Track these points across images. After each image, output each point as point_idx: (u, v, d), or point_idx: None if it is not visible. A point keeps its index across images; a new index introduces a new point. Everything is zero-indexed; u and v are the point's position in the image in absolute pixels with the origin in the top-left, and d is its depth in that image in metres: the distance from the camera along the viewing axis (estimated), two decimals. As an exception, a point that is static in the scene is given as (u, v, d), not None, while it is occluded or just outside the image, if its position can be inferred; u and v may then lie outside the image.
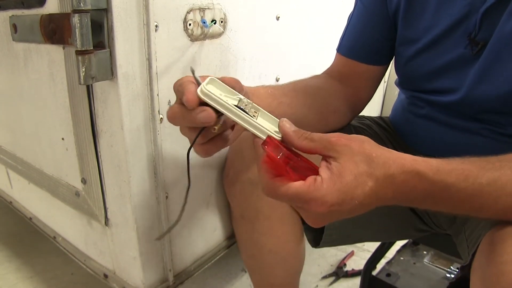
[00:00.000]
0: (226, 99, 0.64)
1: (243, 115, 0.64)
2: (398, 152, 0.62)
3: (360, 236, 1.15)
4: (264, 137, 0.63)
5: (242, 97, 0.67)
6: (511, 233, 0.64)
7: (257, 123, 0.64)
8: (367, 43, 1.02)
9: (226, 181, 1.15)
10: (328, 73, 1.08)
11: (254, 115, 0.65)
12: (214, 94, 0.62)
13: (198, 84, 0.65)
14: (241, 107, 0.64)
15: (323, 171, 0.58)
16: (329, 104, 1.02)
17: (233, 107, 0.63)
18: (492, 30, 0.80)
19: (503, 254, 0.61)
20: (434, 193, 0.62)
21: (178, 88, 0.67)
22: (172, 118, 0.68)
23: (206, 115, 0.62)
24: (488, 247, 0.67)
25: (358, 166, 0.58)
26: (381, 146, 0.62)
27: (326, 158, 0.61)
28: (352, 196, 0.57)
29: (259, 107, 0.67)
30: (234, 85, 0.70)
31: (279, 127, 0.64)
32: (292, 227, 1.10)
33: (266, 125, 0.66)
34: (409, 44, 0.94)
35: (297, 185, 0.57)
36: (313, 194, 0.56)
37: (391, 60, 1.06)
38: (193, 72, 0.67)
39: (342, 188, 0.57)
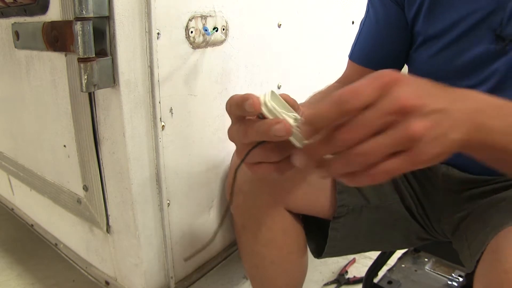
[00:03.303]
0: (285, 117, 0.56)
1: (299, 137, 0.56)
2: None
3: (362, 246, 1.15)
4: None
5: (297, 115, 0.57)
6: None
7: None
8: (382, 51, 1.02)
9: (228, 192, 1.15)
10: (345, 83, 1.06)
11: None
12: (277, 110, 0.55)
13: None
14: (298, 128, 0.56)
15: None
16: None
17: (290, 119, 0.55)
18: None
19: (506, 262, 0.61)
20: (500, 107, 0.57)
21: (236, 101, 0.57)
22: (232, 136, 0.60)
23: (282, 127, 0.52)
24: (492, 255, 0.66)
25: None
26: None
27: None
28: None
29: None
30: (293, 104, 0.61)
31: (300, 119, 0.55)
32: (295, 239, 1.09)
33: None
34: (433, 41, 0.93)
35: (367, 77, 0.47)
36: (391, 73, 0.47)
37: (403, 66, 1.05)
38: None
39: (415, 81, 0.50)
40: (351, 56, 1.07)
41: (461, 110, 0.51)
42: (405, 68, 1.05)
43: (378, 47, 1.02)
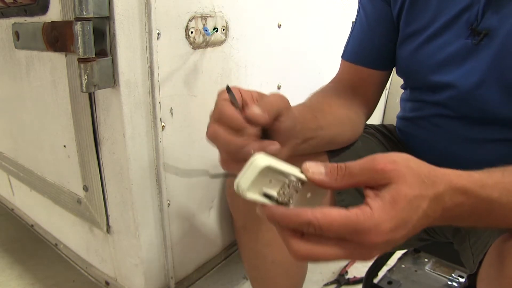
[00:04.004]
0: (268, 185, 0.55)
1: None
2: (440, 168, 0.57)
3: None
4: None
5: (293, 177, 0.56)
6: None
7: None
8: (372, 47, 1.02)
9: (228, 193, 1.15)
10: (339, 82, 1.07)
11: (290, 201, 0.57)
12: (251, 199, 0.54)
13: (233, 104, 0.60)
14: (279, 199, 0.56)
15: (372, 200, 0.52)
16: (351, 118, 1.00)
17: (268, 204, 0.55)
18: (494, 19, 0.80)
19: None
20: (479, 209, 0.58)
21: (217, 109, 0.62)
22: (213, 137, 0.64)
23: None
24: (497, 258, 0.66)
25: (412, 190, 0.52)
26: (423, 162, 0.57)
27: (372, 187, 0.54)
28: (407, 221, 0.52)
29: (302, 186, 0.57)
30: (278, 103, 0.65)
31: (308, 178, 0.56)
32: None
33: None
34: (413, 38, 0.94)
35: (342, 216, 0.50)
36: (366, 224, 0.50)
37: (394, 64, 1.05)
38: (228, 90, 0.61)
39: (397, 215, 0.51)
40: (343, 55, 1.07)
41: (420, 226, 0.54)
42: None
43: (368, 44, 1.02)
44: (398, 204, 0.51)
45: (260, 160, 0.54)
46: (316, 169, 0.56)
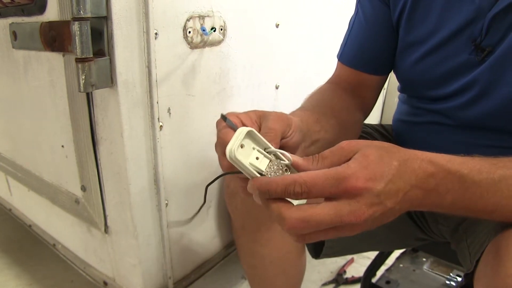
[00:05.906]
0: (256, 162, 0.61)
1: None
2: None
3: (360, 247, 1.14)
4: None
5: (277, 152, 0.62)
6: None
7: None
8: (371, 53, 1.00)
9: (227, 193, 1.15)
10: (337, 83, 1.05)
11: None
12: (241, 162, 0.58)
13: (233, 129, 0.63)
14: (267, 175, 0.61)
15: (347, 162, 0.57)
16: (352, 122, 1.00)
17: (256, 175, 0.60)
18: (499, 36, 0.78)
19: (510, 266, 0.60)
20: (454, 184, 0.60)
21: (218, 134, 0.65)
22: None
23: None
24: (494, 256, 0.65)
25: (379, 150, 0.58)
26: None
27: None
28: (382, 173, 0.55)
29: (290, 167, 0.63)
30: (279, 127, 0.67)
31: (288, 160, 0.62)
32: None
33: None
34: (413, 48, 0.92)
35: (323, 171, 0.55)
36: (344, 172, 0.54)
37: (391, 69, 1.04)
38: (224, 118, 0.64)
39: (370, 165, 0.55)
40: (340, 58, 1.05)
41: (400, 188, 0.57)
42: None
43: (367, 48, 1.00)
44: (369, 157, 0.56)
45: (245, 127, 0.60)
46: (295, 156, 0.62)
